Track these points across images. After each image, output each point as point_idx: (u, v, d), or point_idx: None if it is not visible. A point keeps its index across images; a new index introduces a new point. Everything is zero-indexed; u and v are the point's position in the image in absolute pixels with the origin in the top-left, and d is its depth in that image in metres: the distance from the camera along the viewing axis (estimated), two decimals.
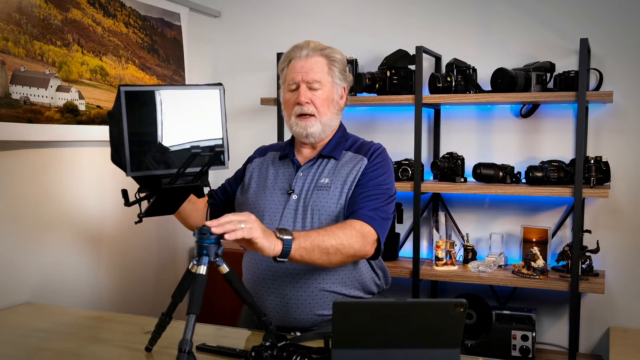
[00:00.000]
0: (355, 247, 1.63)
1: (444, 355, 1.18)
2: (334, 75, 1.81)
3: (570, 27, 2.75)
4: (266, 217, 1.79)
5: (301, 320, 1.74)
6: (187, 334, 1.26)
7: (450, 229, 2.95)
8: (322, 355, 1.35)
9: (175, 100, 1.41)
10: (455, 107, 2.95)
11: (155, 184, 1.41)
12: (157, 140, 1.37)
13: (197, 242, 1.38)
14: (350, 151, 1.85)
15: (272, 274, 1.75)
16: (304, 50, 1.80)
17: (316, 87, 1.78)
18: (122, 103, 1.32)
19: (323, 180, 1.78)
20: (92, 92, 2.49)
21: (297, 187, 1.80)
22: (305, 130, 1.79)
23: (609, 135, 2.73)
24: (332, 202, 1.75)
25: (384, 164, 1.81)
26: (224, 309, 2.63)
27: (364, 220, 1.67)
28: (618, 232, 2.73)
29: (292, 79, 1.80)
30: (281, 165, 1.89)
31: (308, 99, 1.77)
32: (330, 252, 1.58)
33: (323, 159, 1.84)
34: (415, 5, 3.00)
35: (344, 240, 1.60)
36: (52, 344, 1.69)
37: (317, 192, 1.77)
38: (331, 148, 1.84)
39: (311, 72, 1.77)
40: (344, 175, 1.78)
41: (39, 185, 2.29)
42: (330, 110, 1.81)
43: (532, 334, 2.61)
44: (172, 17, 2.96)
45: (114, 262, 2.68)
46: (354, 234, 1.63)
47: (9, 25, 2.12)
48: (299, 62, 1.79)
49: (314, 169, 1.83)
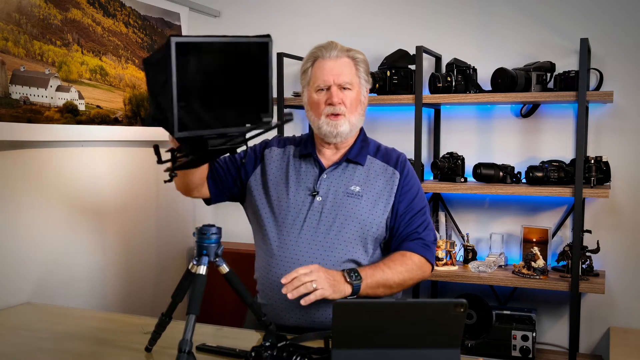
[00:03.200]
0: (415, 280, 1.79)
1: (444, 355, 1.18)
2: (361, 76, 1.83)
3: (570, 27, 2.75)
4: (290, 217, 1.78)
5: (320, 323, 1.72)
6: (187, 334, 1.26)
7: (450, 229, 2.95)
8: (322, 355, 1.35)
9: (225, 54, 1.28)
10: (455, 107, 2.95)
11: (199, 143, 1.29)
12: (205, 97, 1.24)
13: (197, 242, 1.38)
14: (377, 159, 1.85)
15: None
16: (333, 51, 1.80)
17: (348, 87, 1.79)
18: (172, 56, 1.16)
19: (354, 188, 1.79)
20: (91, 92, 2.49)
21: (322, 190, 1.79)
22: (335, 129, 1.78)
23: (609, 135, 2.72)
24: (363, 212, 1.76)
25: (415, 178, 1.88)
26: (224, 309, 2.63)
27: (421, 253, 1.79)
28: (618, 232, 2.73)
29: (322, 80, 1.78)
30: (303, 163, 1.86)
31: (340, 99, 1.78)
32: (394, 287, 1.73)
33: (349, 163, 1.83)
34: (415, 5, 3.00)
35: (405, 276, 1.75)
36: (52, 344, 1.69)
37: (348, 199, 1.77)
38: (356, 152, 1.84)
39: (342, 75, 1.78)
40: (377, 187, 1.81)
41: (39, 185, 2.29)
42: (357, 110, 1.82)
43: (533, 334, 2.61)
44: (172, 17, 2.96)
45: (114, 262, 2.68)
46: (414, 269, 1.77)
47: (9, 25, 2.12)
48: (328, 63, 1.79)
49: (339, 173, 1.82)
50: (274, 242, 1.78)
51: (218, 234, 1.39)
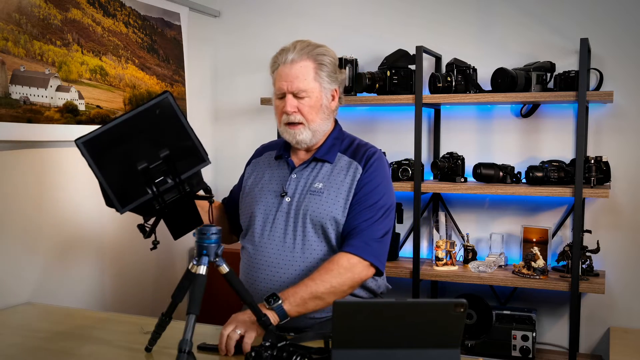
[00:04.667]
0: (348, 284, 1.67)
1: (444, 355, 1.18)
2: (322, 79, 1.76)
3: (570, 27, 2.75)
4: (259, 220, 1.79)
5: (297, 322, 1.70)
6: (187, 334, 1.26)
7: (450, 229, 2.95)
8: (322, 355, 1.35)
9: (133, 127, 1.33)
10: (455, 107, 2.95)
11: (151, 207, 1.37)
12: (133, 169, 1.31)
13: (197, 242, 1.38)
14: (346, 155, 1.82)
15: (269, 278, 1.75)
16: (289, 55, 1.74)
17: (302, 95, 1.74)
18: (86, 155, 1.29)
19: (317, 185, 1.77)
20: (91, 92, 2.48)
21: (290, 190, 1.79)
22: (294, 138, 1.78)
23: (609, 135, 2.72)
24: (324, 208, 1.74)
25: (379, 173, 1.78)
26: (224, 309, 2.63)
27: (352, 252, 1.69)
28: (618, 232, 2.73)
29: (278, 87, 1.76)
30: (276, 166, 1.88)
31: (295, 107, 1.74)
32: (324, 297, 1.63)
33: (317, 162, 1.82)
34: (415, 5, 3.00)
35: (333, 282, 1.64)
36: (52, 344, 1.69)
37: (310, 197, 1.75)
38: (325, 151, 1.82)
39: (296, 81, 1.72)
40: (338, 182, 1.76)
41: (39, 185, 2.29)
42: (319, 116, 1.77)
43: (532, 334, 2.61)
44: (172, 17, 2.96)
45: (114, 262, 2.68)
46: (342, 272, 1.66)
47: (9, 25, 2.12)
48: (284, 69, 1.74)
49: (307, 172, 1.81)
50: (249, 246, 1.81)
51: (218, 234, 1.39)
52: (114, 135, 1.31)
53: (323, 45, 1.80)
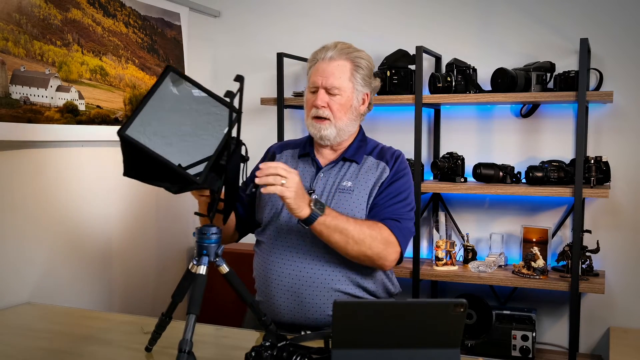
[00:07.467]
0: (375, 250, 1.68)
1: (444, 355, 1.18)
2: (356, 81, 1.79)
3: (570, 27, 2.75)
4: (285, 216, 1.79)
5: (314, 320, 1.74)
6: (187, 334, 1.26)
7: (450, 229, 2.95)
8: (322, 355, 1.35)
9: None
10: (455, 107, 2.95)
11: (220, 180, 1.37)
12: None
13: (197, 242, 1.38)
14: (372, 156, 1.85)
15: (287, 273, 1.75)
16: (329, 52, 1.79)
17: (335, 92, 1.77)
18: (137, 142, 1.25)
19: (345, 184, 1.79)
20: (92, 92, 2.49)
21: (318, 188, 1.80)
22: (319, 132, 1.79)
23: (609, 135, 2.72)
24: (354, 206, 1.76)
25: (406, 173, 1.83)
26: (224, 309, 2.63)
27: (392, 230, 1.71)
28: (618, 232, 2.73)
29: (313, 81, 1.79)
30: (301, 163, 1.88)
31: (325, 102, 1.77)
32: (350, 241, 1.64)
33: (345, 162, 1.84)
34: (415, 5, 3.00)
35: (367, 237, 1.66)
36: (52, 344, 1.69)
37: (339, 195, 1.77)
38: (353, 151, 1.84)
39: (331, 78, 1.76)
40: (367, 181, 1.79)
41: (39, 185, 2.29)
42: (347, 116, 1.80)
43: (532, 334, 2.61)
44: (172, 17, 2.96)
45: (114, 262, 2.68)
46: (379, 239, 1.68)
47: (9, 25, 2.12)
48: (322, 65, 1.79)
49: (335, 170, 1.83)
50: (267, 240, 1.81)
51: (218, 234, 1.39)
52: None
53: (362, 50, 1.85)
